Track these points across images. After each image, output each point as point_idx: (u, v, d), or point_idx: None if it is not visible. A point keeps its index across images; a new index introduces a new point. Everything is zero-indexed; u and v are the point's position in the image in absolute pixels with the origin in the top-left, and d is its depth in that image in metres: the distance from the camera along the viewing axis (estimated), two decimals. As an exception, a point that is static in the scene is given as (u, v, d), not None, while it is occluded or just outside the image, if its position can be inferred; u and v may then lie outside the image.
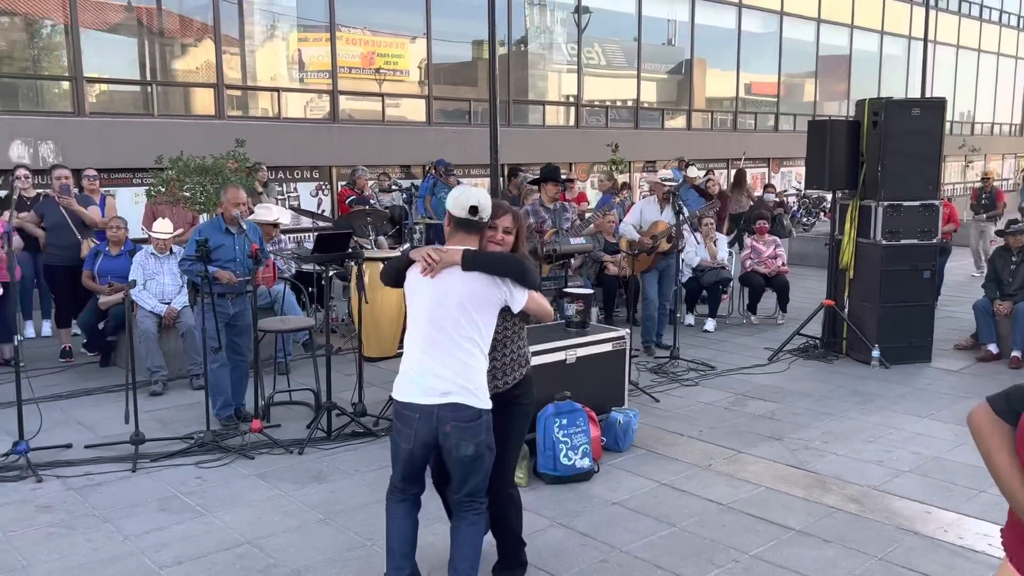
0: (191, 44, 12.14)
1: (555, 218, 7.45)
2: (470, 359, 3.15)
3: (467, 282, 3.16)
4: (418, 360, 3.19)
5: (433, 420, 3.13)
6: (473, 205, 3.20)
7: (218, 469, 5.03)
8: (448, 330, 3.14)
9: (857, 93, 24.07)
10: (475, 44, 15.79)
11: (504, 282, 3.19)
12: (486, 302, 3.18)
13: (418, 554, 3.46)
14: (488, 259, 3.21)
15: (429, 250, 3.22)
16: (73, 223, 7.69)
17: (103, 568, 3.81)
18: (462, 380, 3.13)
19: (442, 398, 3.12)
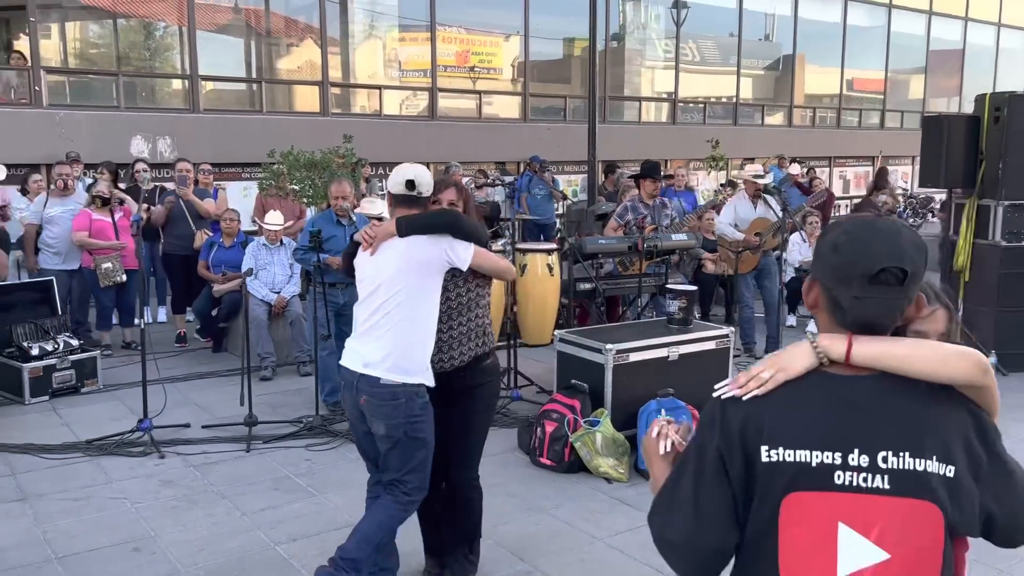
0: (296, 44, 12.55)
1: (654, 214, 7.41)
2: (408, 333, 3.07)
3: (404, 248, 3.07)
4: (355, 329, 3.20)
5: (354, 390, 3.13)
6: (409, 179, 3.12)
7: (326, 452, 5.20)
8: (387, 301, 3.07)
9: (970, 89, 23.02)
10: (567, 41, 15.79)
11: (442, 239, 3.07)
12: (427, 266, 3.07)
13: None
14: (420, 219, 3.12)
15: (366, 228, 3.21)
16: (189, 214, 8.05)
17: (224, 541, 3.99)
18: (390, 355, 3.05)
19: (363, 368, 3.09)
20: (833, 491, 1.42)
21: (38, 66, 10.02)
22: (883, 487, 1.41)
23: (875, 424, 1.43)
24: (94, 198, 7.42)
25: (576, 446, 4.81)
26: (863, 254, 1.45)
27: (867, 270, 1.44)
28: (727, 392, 1.51)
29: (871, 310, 1.47)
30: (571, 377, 5.23)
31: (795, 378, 1.47)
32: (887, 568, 1.41)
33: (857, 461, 1.42)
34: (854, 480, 1.42)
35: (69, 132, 10.02)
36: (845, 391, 1.46)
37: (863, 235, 1.48)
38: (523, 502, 4.47)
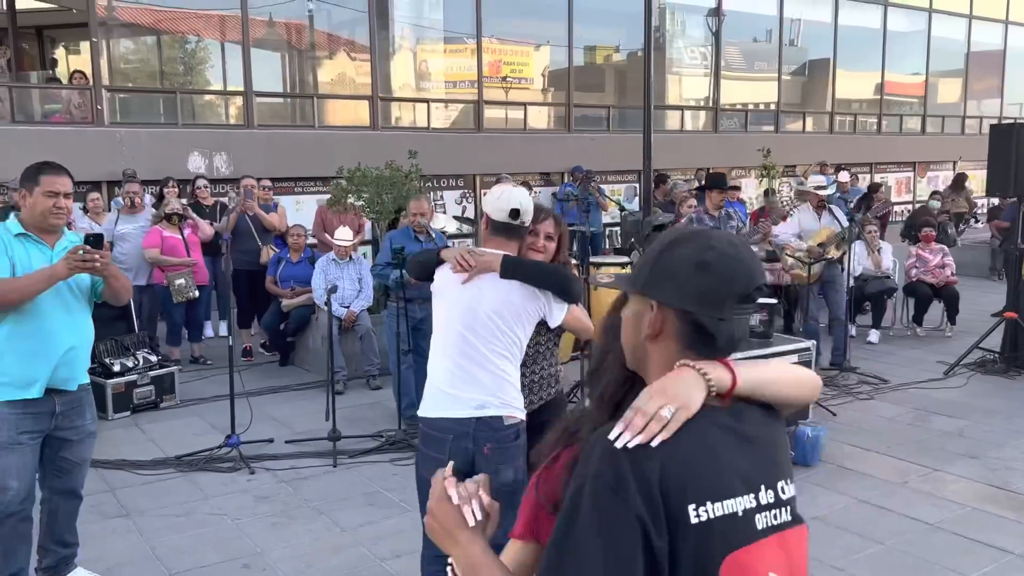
0: (347, 58, 12.69)
1: (721, 225, 7.40)
2: (503, 371, 2.88)
3: (503, 290, 2.88)
4: (448, 370, 2.88)
5: (469, 440, 2.81)
6: (515, 208, 2.90)
7: (412, 467, 5.23)
8: (482, 339, 2.86)
9: (1012, 93, 22.78)
10: (604, 50, 15.84)
11: (543, 294, 2.92)
12: (523, 313, 2.91)
13: None
14: (529, 268, 2.93)
15: (463, 252, 2.96)
16: (255, 229, 8.17)
17: (328, 557, 4.04)
18: (499, 392, 2.85)
19: (477, 411, 2.82)
20: (759, 539, 1.26)
21: (99, 85, 10.21)
22: (788, 519, 1.31)
23: (767, 455, 1.31)
24: (169, 215, 7.55)
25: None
26: (738, 272, 1.31)
27: (745, 289, 1.31)
28: (631, 439, 1.20)
29: (738, 332, 1.33)
30: (654, 391, 5.22)
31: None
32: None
33: (767, 499, 1.28)
34: (769, 520, 1.28)
35: (130, 150, 10.20)
36: (736, 424, 1.29)
37: (730, 251, 1.32)
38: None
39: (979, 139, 22.17)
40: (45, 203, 3.46)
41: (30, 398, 3.38)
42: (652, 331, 1.33)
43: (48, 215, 3.48)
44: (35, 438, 3.44)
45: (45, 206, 3.46)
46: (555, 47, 14.64)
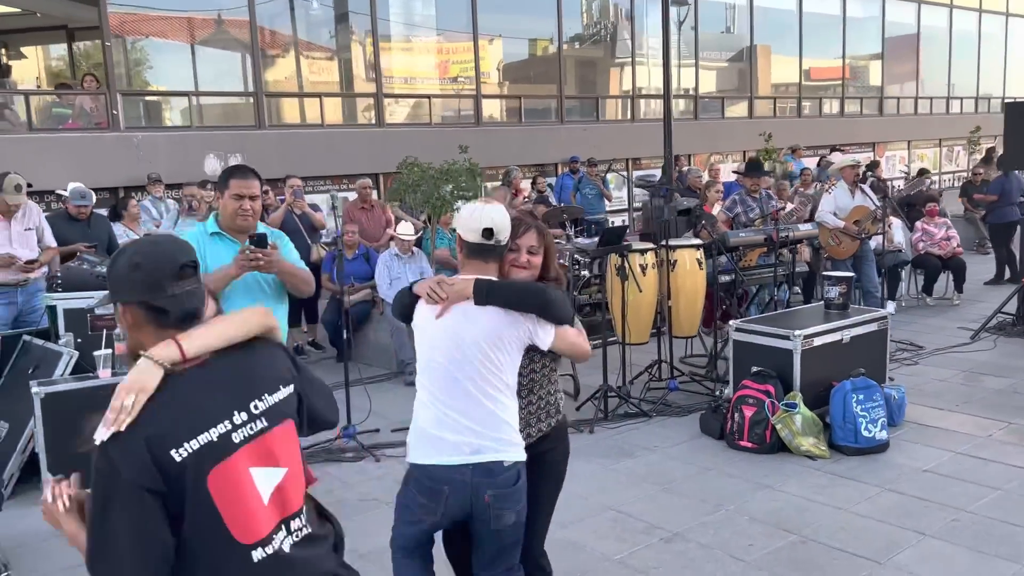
0: (349, 58, 12.73)
1: (762, 205, 7.77)
2: (497, 408, 2.64)
3: (483, 319, 2.62)
4: (436, 413, 2.66)
5: (468, 490, 2.60)
6: (487, 227, 2.62)
7: (527, 448, 5.45)
8: (468, 376, 2.62)
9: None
10: (596, 43, 16.15)
11: (527, 318, 2.66)
12: (507, 341, 2.65)
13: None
14: (505, 291, 2.65)
15: (432, 283, 2.70)
16: (304, 229, 8.23)
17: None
18: (493, 432, 2.62)
19: (473, 456, 2.60)
20: (238, 449, 1.76)
21: (114, 90, 10.09)
22: (265, 425, 1.83)
23: (237, 386, 1.81)
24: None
25: (777, 428, 5.13)
26: (162, 259, 1.79)
27: (172, 268, 1.78)
28: (107, 434, 1.66)
29: (186, 303, 1.80)
30: (750, 364, 5.55)
31: (159, 390, 1.71)
32: (288, 476, 1.85)
33: (240, 419, 1.78)
34: (246, 432, 1.79)
35: (146, 154, 10.12)
36: (202, 378, 1.77)
37: (151, 248, 1.84)
38: (749, 481, 4.78)
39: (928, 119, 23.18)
40: (232, 205, 3.63)
41: None
42: (125, 324, 1.81)
43: (235, 216, 3.64)
44: None
45: (232, 208, 3.63)
46: (545, 41, 14.89)
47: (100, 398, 4.54)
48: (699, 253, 6.47)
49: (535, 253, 2.81)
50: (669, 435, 5.60)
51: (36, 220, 5.98)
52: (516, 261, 2.79)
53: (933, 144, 23.59)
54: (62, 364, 4.95)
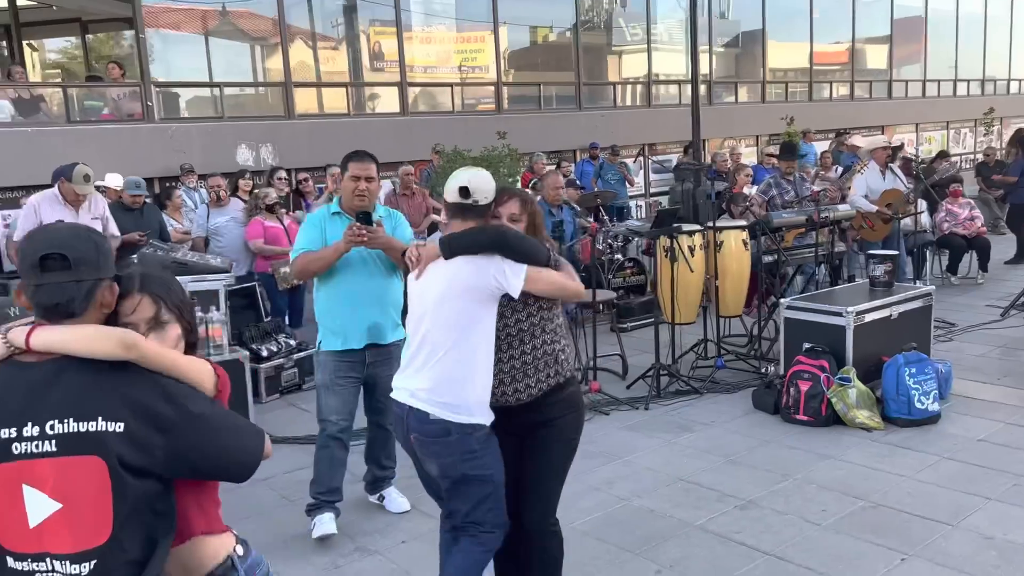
0: (376, 48, 12.84)
1: (796, 187, 7.92)
2: (455, 368, 2.70)
3: (453, 273, 2.70)
4: (408, 356, 2.87)
5: (403, 427, 2.81)
6: (463, 186, 2.73)
7: (587, 424, 5.58)
8: (430, 330, 2.74)
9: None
10: (614, 30, 16.25)
11: (492, 261, 2.67)
12: (476, 292, 2.68)
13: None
14: (462, 238, 2.72)
15: (410, 249, 2.89)
16: (346, 216, 8.37)
17: (581, 497, 4.42)
18: (438, 389, 2.72)
19: (410, 399, 2.77)
20: (14, 460, 1.66)
21: (148, 81, 10.21)
22: (52, 450, 1.68)
23: (45, 399, 1.69)
24: (270, 206, 7.71)
25: (833, 401, 5.30)
26: (30, 248, 1.76)
27: (33, 259, 1.74)
28: None
29: (44, 296, 1.74)
30: (801, 341, 5.71)
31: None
32: (62, 514, 1.69)
33: (30, 432, 1.67)
34: (28, 448, 1.67)
35: (181, 145, 10.24)
36: (26, 375, 1.71)
37: (35, 235, 1.82)
38: (810, 452, 4.95)
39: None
40: (350, 186, 3.88)
41: (345, 349, 3.99)
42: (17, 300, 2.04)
43: (352, 197, 3.86)
44: (351, 382, 4.04)
45: (350, 188, 3.88)
46: (562, 30, 14.99)
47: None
48: (745, 234, 6.62)
49: (517, 220, 2.85)
50: (723, 410, 5.77)
51: (102, 210, 6.12)
52: None
53: (941, 127, 23.72)
54: (142, 348, 5.09)
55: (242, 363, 5.23)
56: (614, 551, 3.87)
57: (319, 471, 4.17)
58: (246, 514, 4.43)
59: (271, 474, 4.97)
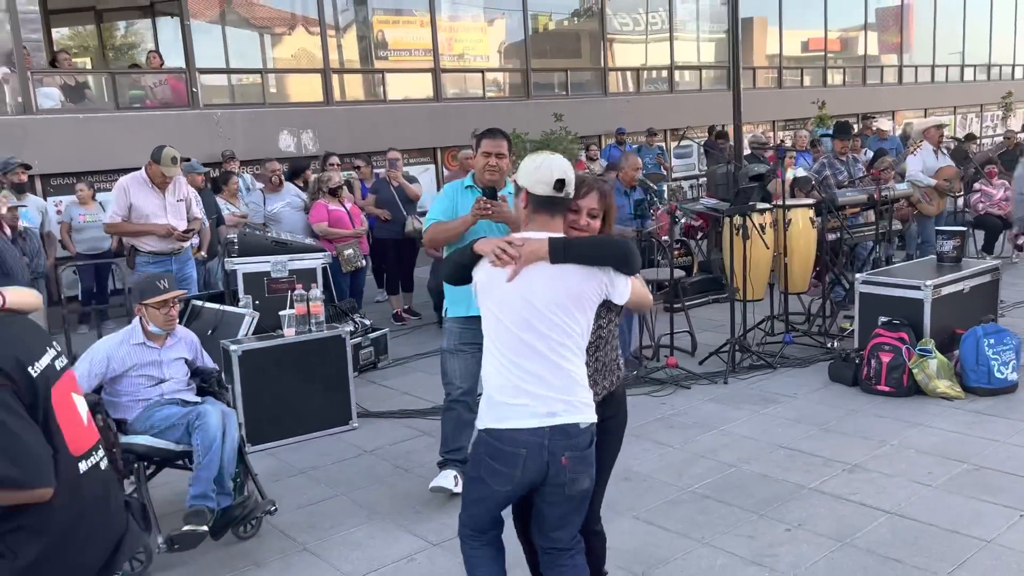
0: (410, 35, 12.91)
1: (849, 168, 8.08)
2: (572, 369, 2.59)
3: (559, 277, 2.56)
4: (511, 377, 2.57)
5: (544, 453, 2.53)
6: (560, 178, 2.58)
7: (671, 397, 5.78)
8: (542, 338, 2.55)
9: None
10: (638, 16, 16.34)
11: (604, 271, 2.60)
12: (584, 299, 2.59)
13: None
14: (583, 246, 2.61)
15: (501, 242, 2.61)
16: (400, 200, 8.48)
17: (691, 464, 4.57)
18: (569, 395, 2.57)
19: (550, 419, 2.54)
20: (60, 376, 2.03)
21: (193, 68, 10.27)
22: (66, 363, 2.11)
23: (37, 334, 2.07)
24: (333, 189, 7.81)
25: (914, 372, 5.47)
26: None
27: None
28: None
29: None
30: (876, 314, 5.87)
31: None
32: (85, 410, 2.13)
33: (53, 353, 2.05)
34: (62, 364, 2.07)
35: (225, 131, 10.31)
36: (16, 322, 2.02)
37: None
38: (899, 420, 5.11)
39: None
40: (482, 161, 4.01)
41: (468, 315, 4.01)
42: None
43: (483, 171, 4.00)
44: (475, 348, 4.06)
45: (482, 164, 4.02)
46: (587, 17, 15.08)
47: (287, 354, 4.85)
48: (811, 212, 6.77)
49: (595, 216, 2.73)
50: (801, 383, 5.93)
51: (185, 192, 6.22)
52: (576, 223, 2.71)
53: (948, 111, 23.92)
54: (245, 325, 5.22)
55: (344, 339, 5.33)
56: (739, 512, 4.02)
57: (445, 432, 4.34)
58: (368, 483, 4.59)
59: (378, 446, 5.12)
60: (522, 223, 2.70)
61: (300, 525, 4.08)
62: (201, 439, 3.59)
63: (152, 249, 5.97)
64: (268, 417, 5.05)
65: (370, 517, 4.16)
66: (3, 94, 9.19)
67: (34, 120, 9.13)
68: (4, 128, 8.87)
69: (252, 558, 3.79)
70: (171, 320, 3.88)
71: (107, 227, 6.06)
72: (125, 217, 5.92)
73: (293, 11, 11.76)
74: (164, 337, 3.93)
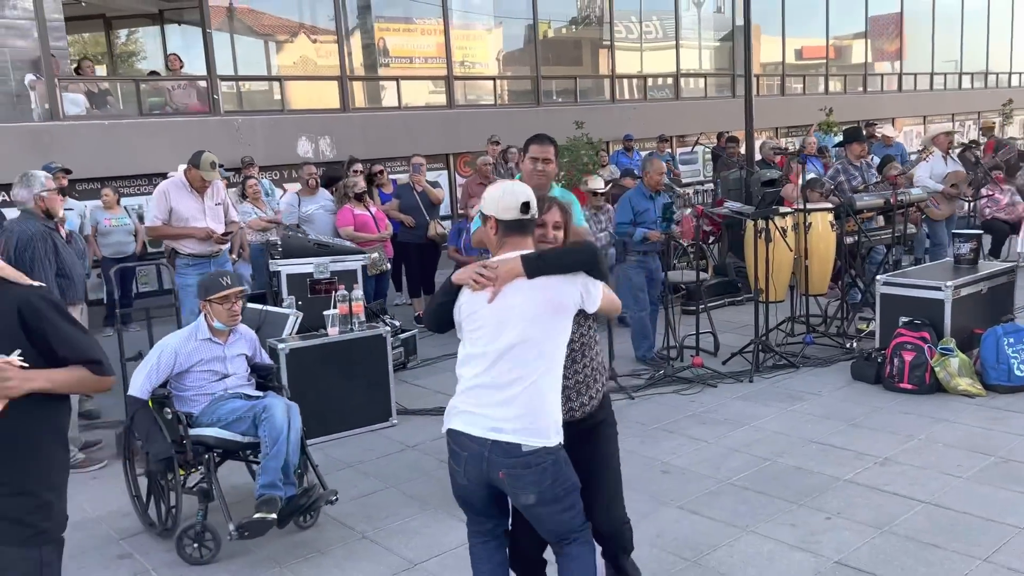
0: (422, 43, 13.10)
1: (863, 174, 8.25)
2: (546, 390, 2.65)
3: (538, 289, 2.64)
4: (473, 390, 2.68)
5: (483, 463, 2.63)
6: (525, 202, 2.70)
7: (699, 395, 5.94)
8: (517, 359, 2.61)
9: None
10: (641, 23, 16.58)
11: (576, 279, 2.69)
12: (564, 307, 2.67)
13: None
14: (555, 258, 2.72)
15: (475, 268, 2.70)
16: (423, 205, 8.64)
17: (726, 458, 4.73)
18: (528, 417, 2.61)
19: (495, 433, 2.61)
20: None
21: (214, 75, 10.42)
22: None
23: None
24: (359, 194, 7.97)
25: (936, 370, 5.64)
26: None
27: None
28: None
29: None
30: (897, 315, 6.05)
31: None
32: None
33: None
34: None
35: (246, 137, 10.46)
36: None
37: None
38: (924, 416, 5.28)
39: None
40: (529, 166, 4.12)
41: None
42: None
43: (532, 175, 4.12)
44: None
45: (529, 168, 4.13)
46: (593, 24, 15.28)
47: (331, 352, 4.99)
48: (831, 216, 6.94)
49: (559, 228, 2.92)
50: (825, 382, 6.10)
51: (223, 196, 6.36)
52: (544, 237, 2.87)
53: (947, 118, 24.18)
54: (289, 324, 5.36)
55: (385, 338, 5.48)
56: (778, 502, 4.18)
57: None
58: (416, 475, 4.73)
59: (420, 441, 5.28)
60: (494, 248, 2.79)
61: (355, 515, 4.23)
62: (268, 431, 3.73)
63: (191, 252, 6.11)
64: (313, 413, 5.14)
65: (423, 507, 4.31)
66: (31, 101, 9.33)
67: (60, 126, 9.27)
68: (32, 134, 9.02)
69: (314, 546, 3.94)
70: (234, 316, 4.03)
71: (148, 230, 6.19)
72: (165, 220, 6.06)
73: (306, 21, 11.95)
74: (227, 333, 4.07)
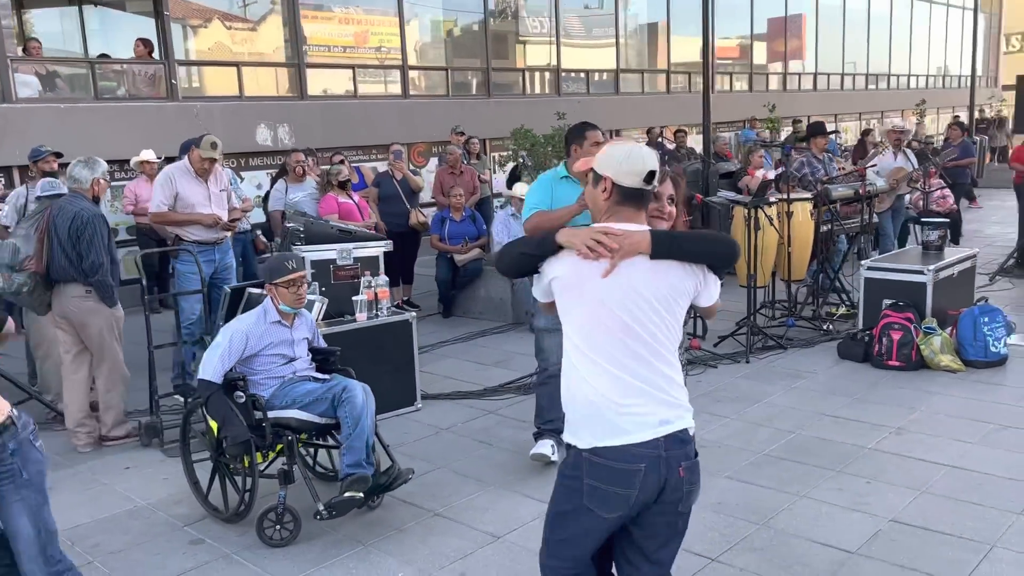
0: (381, 32, 12.99)
1: (826, 167, 8.73)
2: (674, 372, 2.36)
3: (661, 272, 2.32)
4: (616, 385, 2.30)
5: (662, 466, 2.28)
6: (652, 170, 2.34)
7: (704, 376, 6.21)
8: (647, 338, 2.30)
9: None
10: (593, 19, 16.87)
11: (699, 271, 2.37)
12: (683, 297, 2.36)
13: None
14: (688, 240, 2.37)
15: (596, 233, 2.32)
16: (403, 193, 8.64)
17: (754, 432, 4.99)
18: (676, 400, 2.33)
19: (664, 427, 2.29)
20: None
21: (173, 60, 10.10)
22: None
23: None
24: (343, 183, 7.91)
25: (921, 348, 6.08)
26: None
27: None
28: None
29: None
30: (881, 297, 6.48)
31: None
32: None
33: None
34: None
35: (205, 123, 10.18)
36: None
37: None
38: (918, 390, 5.69)
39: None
40: (594, 152, 4.24)
41: None
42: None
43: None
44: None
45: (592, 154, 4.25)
46: (542, 18, 15.49)
47: (359, 337, 5.02)
48: (810, 205, 7.34)
49: (674, 203, 2.67)
50: (816, 361, 6.47)
51: (226, 182, 6.25)
52: (660, 211, 2.62)
53: (855, 117, 25.58)
54: (315, 310, 5.31)
55: (411, 323, 5.52)
56: (817, 470, 4.46)
57: (540, 405, 4.65)
58: (462, 456, 4.83)
59: (451, 424, 5.37)
60: (601, 215, 2.41)
61: (419, 495, 4.28)
62: (350, 411, 3.76)
63: (196, 238, 5.98)
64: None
65: (481, 486, 4.41)
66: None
67: (13, 109, 8.83)
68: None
69: (390, 524, 3.98)
70: (300, 299, 4.02)
71: (153, 216, 6.02)
72: (171, 206, 5.91)
73: (268, 4, 11.70)
74: (293, 316, 4.06)
